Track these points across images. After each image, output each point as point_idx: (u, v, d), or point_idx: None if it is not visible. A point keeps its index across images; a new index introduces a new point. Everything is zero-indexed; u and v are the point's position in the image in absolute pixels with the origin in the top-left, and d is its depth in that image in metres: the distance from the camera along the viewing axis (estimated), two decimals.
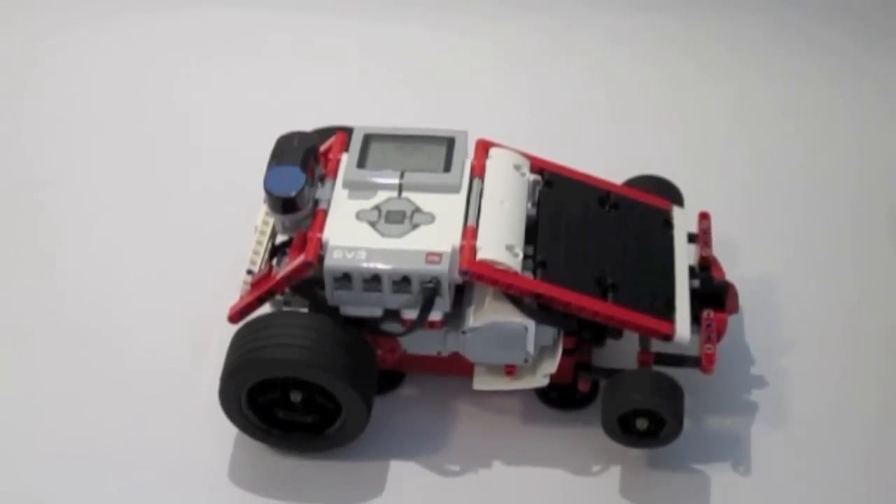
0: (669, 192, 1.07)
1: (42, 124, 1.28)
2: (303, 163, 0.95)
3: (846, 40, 1.33)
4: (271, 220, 1.00)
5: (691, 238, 1.03)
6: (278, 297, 0.98)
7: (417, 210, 0.96)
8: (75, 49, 1.36)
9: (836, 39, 1.34)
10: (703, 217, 1.06)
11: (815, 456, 1.00)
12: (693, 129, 1.15)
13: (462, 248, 0.94)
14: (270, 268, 0.98)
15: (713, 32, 1.36)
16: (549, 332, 0.96)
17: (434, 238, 0.94)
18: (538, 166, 1.02)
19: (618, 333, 0.97)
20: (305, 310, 0.97)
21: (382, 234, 0.95)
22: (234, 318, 0.97)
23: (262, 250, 1.00)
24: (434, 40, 1.12)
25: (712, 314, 0.98)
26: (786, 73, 1.15)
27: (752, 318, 1.08)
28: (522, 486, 0.98)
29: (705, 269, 1.02)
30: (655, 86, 1.30)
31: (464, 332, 0.96)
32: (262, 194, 0.95)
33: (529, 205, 0.99)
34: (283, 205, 0.94)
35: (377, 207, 0.97)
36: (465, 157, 1.00)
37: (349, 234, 0.95)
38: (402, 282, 0.93)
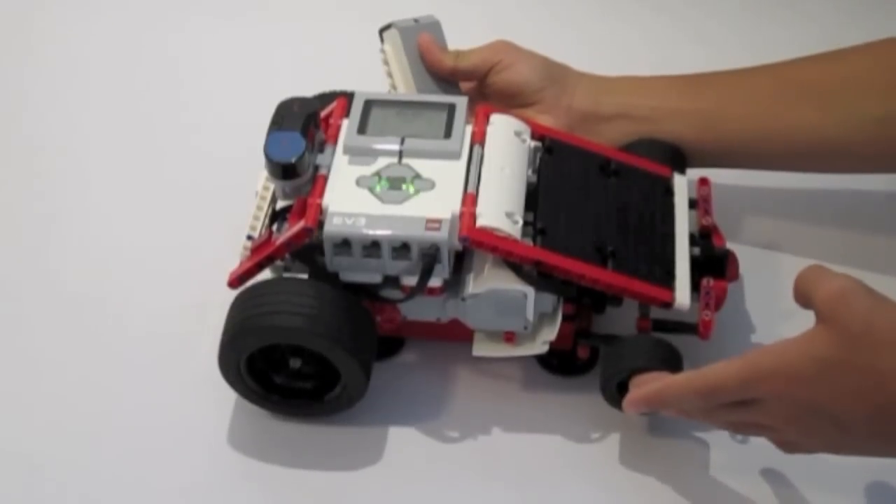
0: (671, 154, 1.06)
1: (39, 89, 1.28)
2: (303, 128, 0.95)
3: (845, 13, 1.33)
4: (271, 186, 1.00)
5: (692, 205, 1.03)
6: (278, 263, 0.99)
7: (417, 176, 0.96)
8: (73, 11, 1.35)
9: (834, 11, 1.34)
10: (704, 183, 1.05)
11: None
12: None
13: (462, 214, 0.94)
14: (270, 233, 0.98)
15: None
16: (549, 299, 0.96)
17: (434, 204, 0.94)
18: (539, 133, 1.02)
19: (618, 301, 0.97)
20: (305, 276, 0.97)
21: (382, 201, 0.95)
22: (233, 283, 0.98)
23: (262, 216, 1.00)
24: (437, 7, 1.11)
25: (712, 282, 0.98)
26: (788, 39, 1.14)
27: (753, 286, 1.08)
28: (522, 452, 0.98)
29: (706, 237, 1.02)
30: (657, 48, 1.29)
31: (463, 299, 0.96)
32: (262, 160, 0.95)
33: (530, 171, 0.99)
34: (284, 170, 0.94)
35: (377, 173, 0.96)
36: (466, 124, 0.99)
37: (349, 201, 0.94)
38: (402, 248, 0.93)
